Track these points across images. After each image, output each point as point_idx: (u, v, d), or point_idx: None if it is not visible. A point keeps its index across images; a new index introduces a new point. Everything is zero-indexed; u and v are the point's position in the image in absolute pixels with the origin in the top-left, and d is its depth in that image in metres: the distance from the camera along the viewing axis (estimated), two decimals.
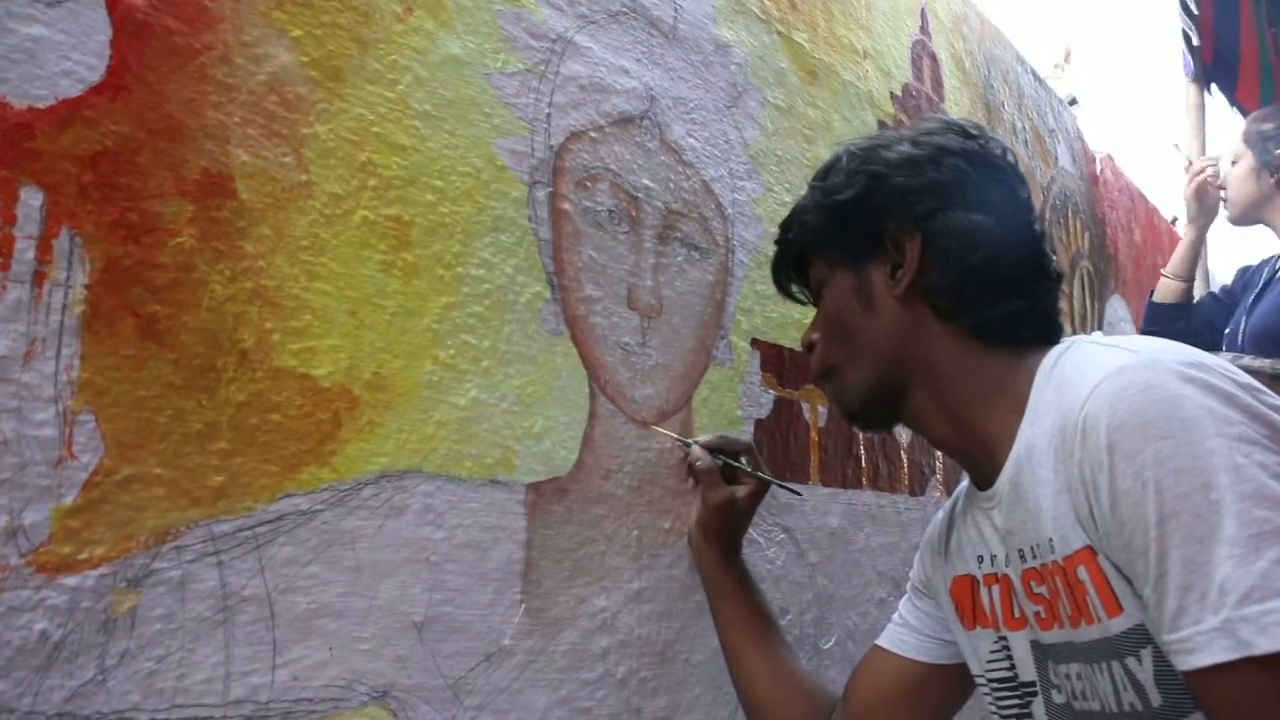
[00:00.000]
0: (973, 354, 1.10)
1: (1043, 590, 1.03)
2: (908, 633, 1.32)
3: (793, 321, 1.77)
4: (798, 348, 1.77)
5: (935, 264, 1.10)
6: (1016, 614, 1.12)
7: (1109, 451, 0.86)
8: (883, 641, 1.34)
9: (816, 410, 1.81)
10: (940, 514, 1.31)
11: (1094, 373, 0.91)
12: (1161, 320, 2.96)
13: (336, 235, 1.09)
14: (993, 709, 1.19)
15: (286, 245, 1.04)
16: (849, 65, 2.04)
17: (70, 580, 0.86)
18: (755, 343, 1.68)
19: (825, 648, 1.74)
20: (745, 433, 1.63)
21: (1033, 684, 1.12)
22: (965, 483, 1.23)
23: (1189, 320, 2.91)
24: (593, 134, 1.42)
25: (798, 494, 1.58)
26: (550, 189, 1.34)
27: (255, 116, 1.03)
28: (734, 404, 1.62)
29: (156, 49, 0.95)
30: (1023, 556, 1.05)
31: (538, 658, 1.24)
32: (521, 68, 1.32)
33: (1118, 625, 0.93)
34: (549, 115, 1.35)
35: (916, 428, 1.18)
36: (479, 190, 1.25)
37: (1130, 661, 0.93)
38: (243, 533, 0.98)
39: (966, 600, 1.20)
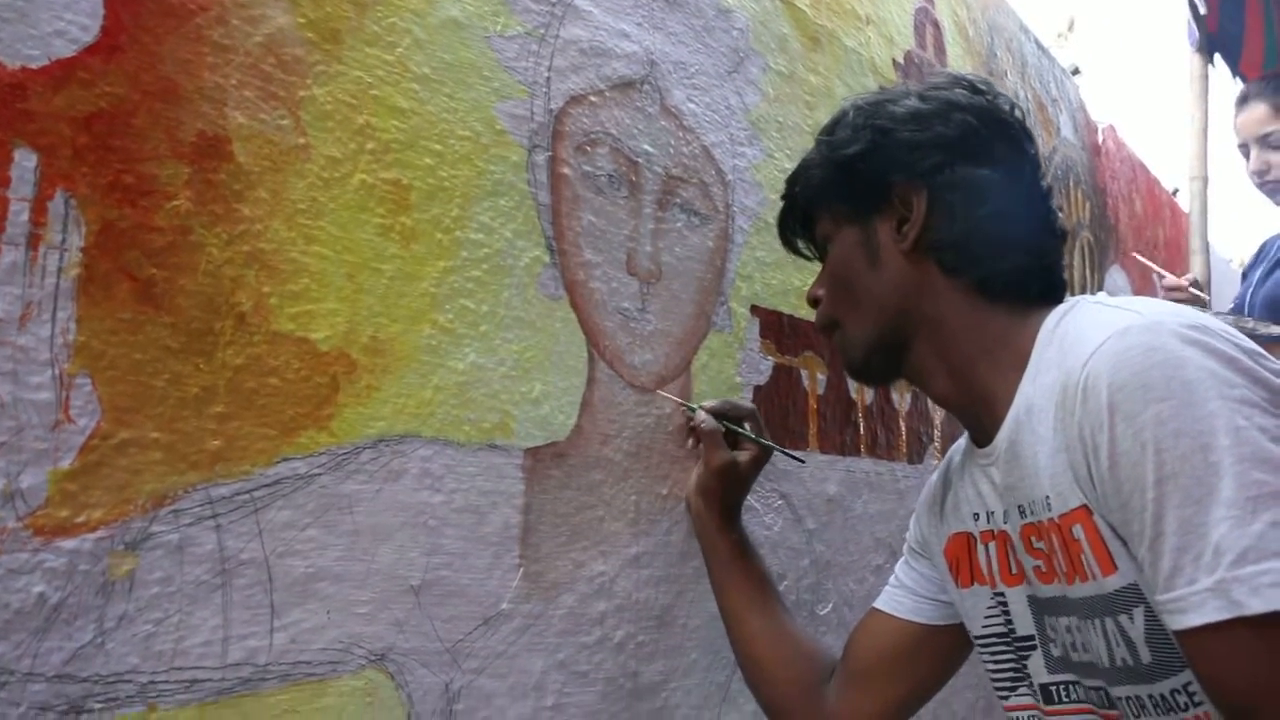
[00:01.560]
0: (977, 309, 1.09)
1: (1042, 545, 1.03)
2: (904, 594, 1.32)
3: (793, 288, 1.76)
4: (797, 314, 1.77)
5: (941, 219, 1.10)
6: (1014, 570, 1.12)
7: (1109, 411, 0.86)
8: (880, 604, 1.35)
9: (815, 377, 1.80)
10: (936, 474, 1.31)
11: (1097, 333, 0.91)
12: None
13: (334, 199, 1.08)
14: (989, 665, 1.19)
15: (284, 208, 1.03)
16: (851, 31, 2.02)
17: (68, 543, 0.85)
18: (755, 309, 1.67)
19: (822, 613, 1.74)
20: (745, 399, 1.62)
21: (1030, 638, 1.13)
22: (962, 441, 1.23)
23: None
24: (593, 98, 1.41)
25: (800, 461, 1.58)
26: (550, 153, 1.33)
27: (252, 78, 1.02)
28: (733, 370, 1.61)
29: (151, 9, 0.94)
30: (1022, 512, 1.05)
31: (535, 621, 1.25)
32: (521, 31, 1.31)
33: (1112, 583, 0.93)
34: (549, 79, 1.34)
35: (918, 383, 1.18)
36: (478, 154, 1.24)
37: (1123, 619, 0.94)
38: (240, 496, 0.98)
39: (964, 557, 1.20)
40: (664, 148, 1.51)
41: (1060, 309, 1.05)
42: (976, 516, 1.16)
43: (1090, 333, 0.93)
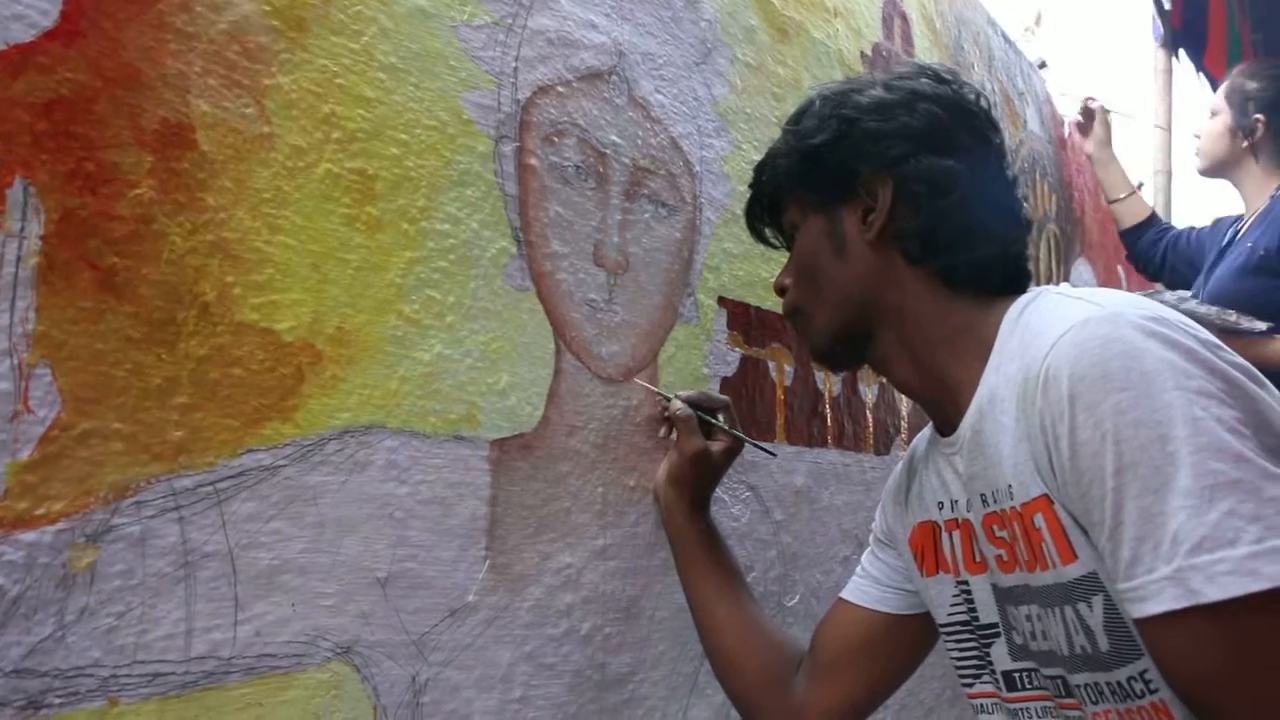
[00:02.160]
0: (940, 299, 1.10)
1: (1004, 534, 1.04)
2: (870, 584, 1.33)
3: (760, 280, 1.76)
4: (765, 306, 1.77)
5: (906, 209, 1.10)
6: (977, 558, 1.13)
7: (1070, 402, 0.87)
8: (846, 594, 1.35)
9: (783, 369, 1.81)
10: (901, 464, 1.31)
11: (1058, 323, 0.92)
12: (1143, 247, 2.98)
13: (299, 188, 1.07)
14: (953, 653, 1.20)
15: (248, 198, 1.02)
16: (819, 23, 2.02)
17: (27, 536, 0.84)
18: (722, 300, 1.68)
19: (790, 605, 1.75)
20: (714, 390, 1.63)
21: (994, 626, 1.14)
22: (927, 430, 1.24)
23: (1171, 243, 2.92)
24: (560, 89, 1.40)
25: (772, 454, 1.59)
26: (517, 144, 1.33)
27: (216, 66, 1.01)
28: (700, 362, 1.61)
29: None
30: (984, 501, 1.06)
31: (502, 614, 1.24)
32: (489, 20, 1.31)
33: (1071, 572, 0.95)
34: (516, 69, 1.34)
35: (882, 370, 1.19)
36: (445, 144, 1.23)
37: (1081, 607, 0.95)
38: (204, 488, 0.97)
39: (928, 546, 1.21)
40: (631, 139, 1.51)
41: (1023, 299, 1.06)
42: (941, 505, 1.17)
43: (1052, 323, 0.94)
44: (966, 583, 1.16)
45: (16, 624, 0.83)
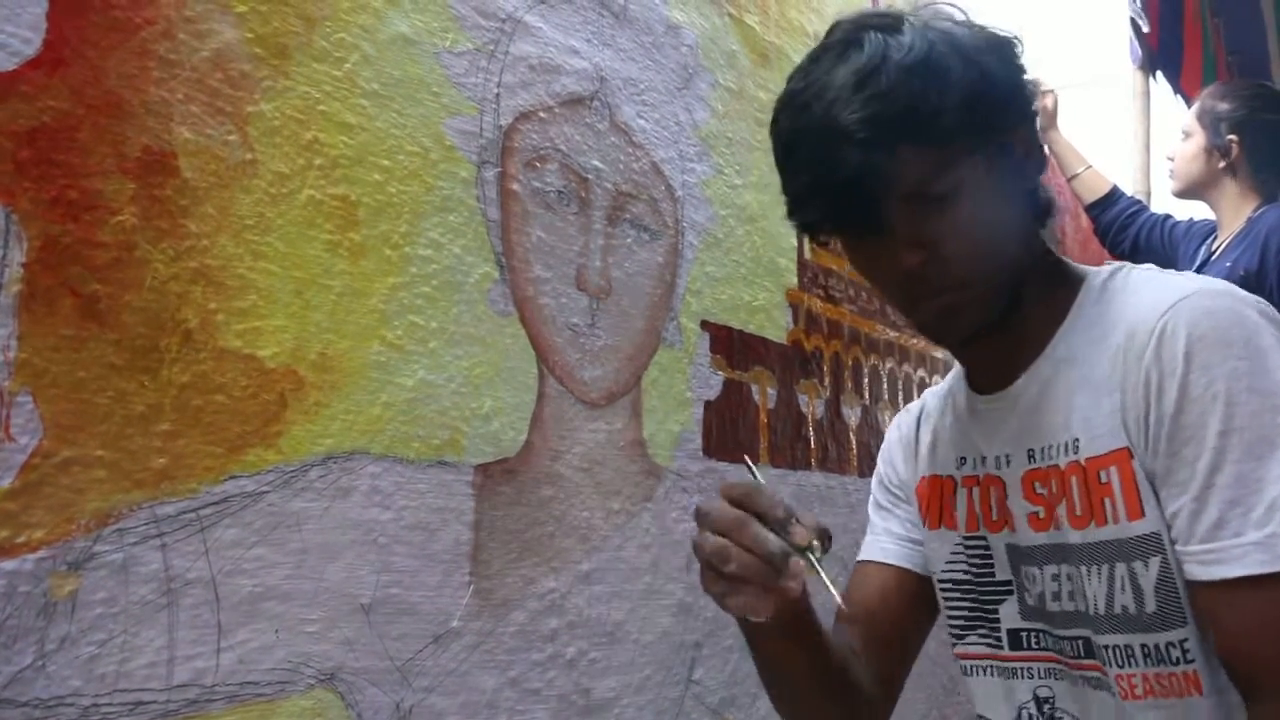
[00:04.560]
0: (1047, 256, 1.09)
1: (1044, 491, 1.05)
2: (892, 541, 1.24)
3: (742, 304, 1.77)
4: (748, 329, 1.78)
5: (1036, 158, 1.06)
6: (996, 516, 1.12)
7: (1185, 359, 0.90)
8: (869, 555, 1.25)
9: (766, 392, 1.81)
10: (907, 417, 1.28)
11: (1173, 290, 0.95)
12: (1111, 223, 2.99)
13: (282, 214, 1.07)
14: (946, 609, 1.18)
15: (231, 224, 1.03)
16: (800, 48, 2.04)
17: (8, 564, 0.84)
18: (705, 324, 1.68)
19: None
20: (696, 411, 1.63)
21: (1007, 584, 1.13)
22: (945, 387, 1.21)
23: (1146, 230, 2.93)
24: (542, 114, 1.41)
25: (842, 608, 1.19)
26: (499, 169, 1.34)
27: (199, 93, 1.02)
28: (683, 385, 1.62)
29: (95, 23, 0.93)
30: (1030, 457, 1.06)
31: (486, 639, 1.24)
32: (470, 47, 1.31)
33: (1136, 529, 0.96)
34: (498, 95, 1.35)
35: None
36: (427, 170, 1.24)
37: (1137, 565, 0.96)
38: (186, 515, 0.97)
39: (934, 500, 1.19)
40: (613, 164, 1.52)
41: (1105, 270, 1.06)
42: (963, 461, 1.16)
43: (1165, 289, 0.96)
44: (981, 539, 1.14)
45: None
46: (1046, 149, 1.12)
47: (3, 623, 0.84)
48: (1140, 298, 0.98)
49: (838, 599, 0.90)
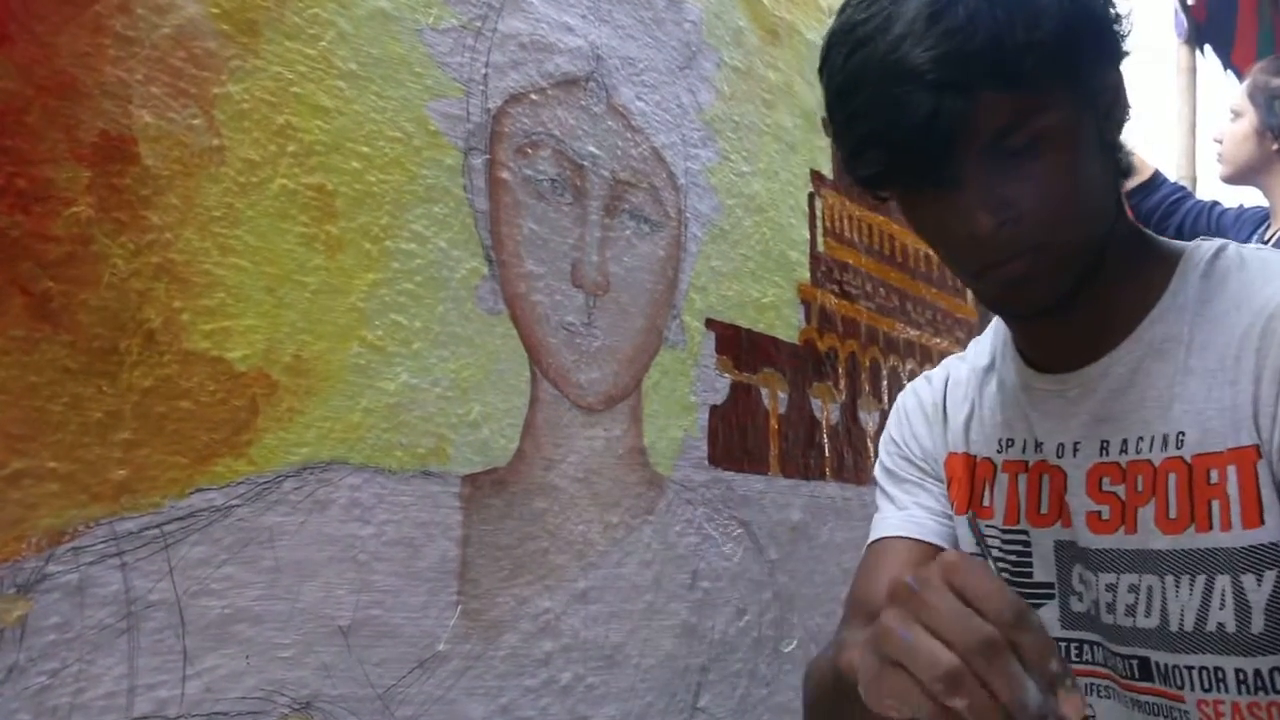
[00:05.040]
0: (1134, 226, 1.05)
1: (1116, 489, 1.01)
2: (926, 515, 1.21)
3: (750, 300, 1.76)
4: (756, 328, 1.77)
5: (1124, 110, 0.99)
6: (1044, 510, 1.09)
7: None
8: (894, 530, 1.19)
9: (776, 395, 1.80)
10: (925, 386, 1.23)
11: None
12: (1155, 208, 2.99)
13: (252, 205, 1.07)
14: None
15: (197, 216, 1.02)
16: (813, 24, 2.03)
17: None
18: (710, 323, 1.67)
19: (786, 651, 1.74)
20: (702, 416, 1.62)
21: (1049, 586, 1.09)
22: (972, 356, 1.17)
23: (1193, 216, 2.92)
24: (534, 96, 1.40)
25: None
26: (487, 156, 1.33)
27: (160, 74, 1.00)
28: (687, 389, 1.61)
29: None
30: (1104, 449, 1.02)
31: (475, 663, 1.24)
32: (456, 24, 1.31)
33: (1251, 538, 0.92)
34: (486, 76, 1.34)
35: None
36: (409, 157, 1.23)
37: (1247, 579, 0.92)
38: (149, 531, 0.96)
39: (965, 483, 1.16)
40: (611, 150, 1.51)
41: (1207, 245, 1.01)
42: (1009, 444, 1.11)
43: None
44: (1021, 534, 1.12)
45: None
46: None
47: None
48: (1268, 277, 0.94)
49: None
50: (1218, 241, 1.00)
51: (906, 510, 1.21)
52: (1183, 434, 0.95)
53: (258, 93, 1.09)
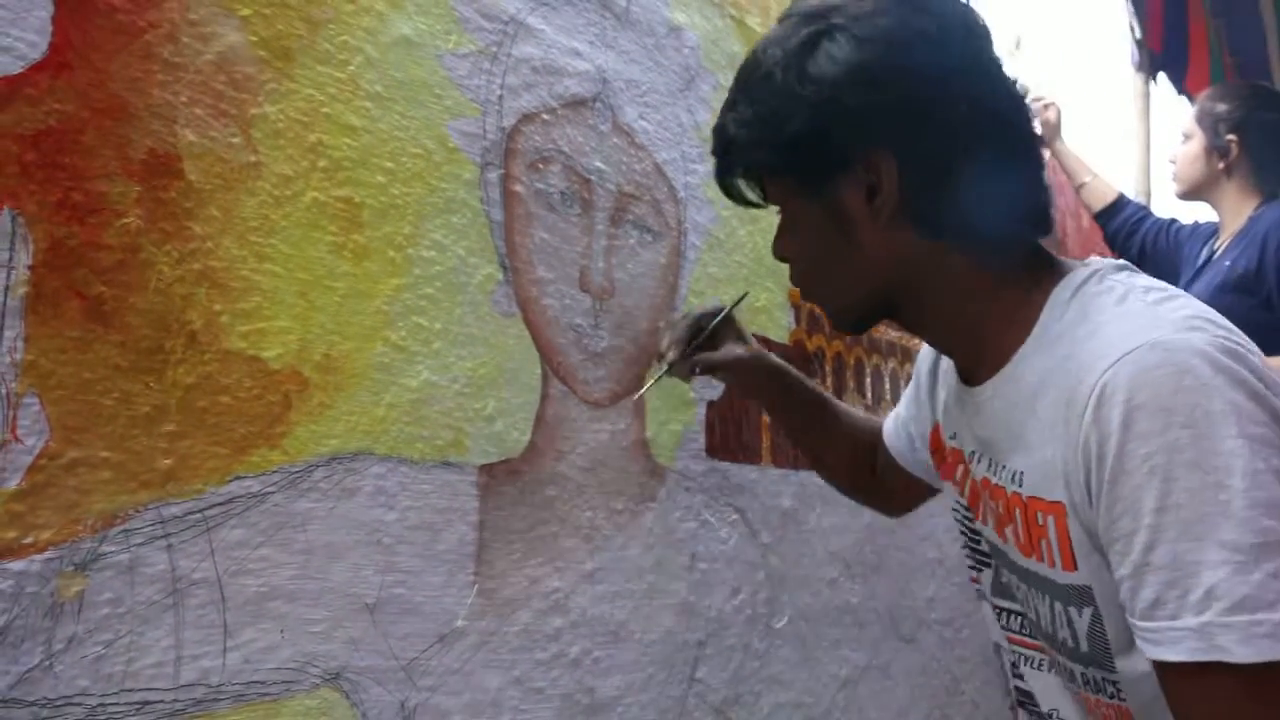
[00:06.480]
0: (966, 273, 0.97)
1: (995, 505, 0.99)
2: (900, 428, 1.31)
3: (744, 304, 1.77)
4: (749, 330, 1.78)
5: (917, 182, 0.93)
6: (968, 495, 1.08)
7: (1123, 428, 0.80)
8: (887, 425, 1.37)
9: None
10: (929, 352, 1.22)
11: (1121, 338, 0.84)
12: (1117, 229, 3.00)
13: (286, 216, 1.08)
14: (963, 549, 1.15)
15: (235, 226, 1.03)
16: None
17: (15, 565, 0.85)
18: None
19: (778, 627, 1.75)
20: (700, 411, 1.63)
21: (989, 556, 1.09)
22: None
23: (1151, 235, 2.93)
24: (545, 116, 1.41)
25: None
26: (502, 171, 1.34)
27: (203, 96, 1.02)
28: (686, 386, 1.62)
29: (100, 26, 0.94)
30: (990, 465, 1.00)
31: (491, 638, 1.25)
32: (473, 49, 1.32)
33: (1070, 578, 0.91)
34: (501, 97, 1.35)
35: (910, 331, 1.10)
36: (430, 172, 1.24)
37: (1071, 610, 0.92)
38: (192, 515, 0.97)
39: (940, 453, 1.15)
40: (616, 165, 1.52)
41: (1077, 276, 0.94)
42: (954, 435, 1.10)
43: (1114, 333, 0.85)
44: (970, 511, 1.09)
45: (4, 653, 0.84)
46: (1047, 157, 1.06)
47: (10, 623, 0.84)
48: (1092, 337, 0.87)
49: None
50: (1094, 267, 0.95)
51: (895, 412, 1.35)
52: (1022, 474, 0.94)
53: (291, 113, 1.10)
